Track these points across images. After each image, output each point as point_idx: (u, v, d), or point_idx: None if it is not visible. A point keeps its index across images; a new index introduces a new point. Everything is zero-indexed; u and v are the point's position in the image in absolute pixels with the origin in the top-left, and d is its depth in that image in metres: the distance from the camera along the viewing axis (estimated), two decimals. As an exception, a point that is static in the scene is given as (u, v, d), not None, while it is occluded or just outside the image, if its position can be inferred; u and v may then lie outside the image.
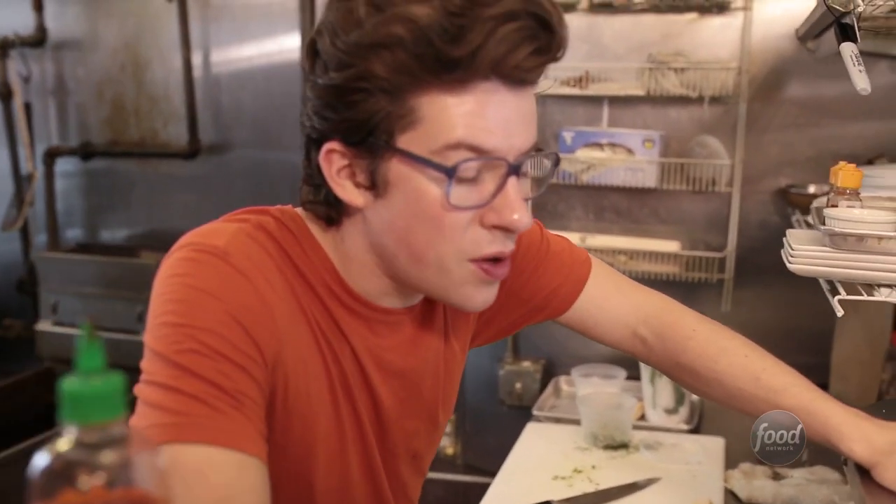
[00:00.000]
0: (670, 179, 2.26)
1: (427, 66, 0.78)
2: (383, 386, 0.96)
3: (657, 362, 1.18)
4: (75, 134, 2.99)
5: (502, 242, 0.87)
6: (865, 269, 1.19)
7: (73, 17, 2.91)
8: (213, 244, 0.84)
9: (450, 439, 2.58)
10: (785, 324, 2.28)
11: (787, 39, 2.16)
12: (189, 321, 0.79)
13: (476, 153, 0.81)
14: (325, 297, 0.91)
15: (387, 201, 0.85)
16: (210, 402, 0.77)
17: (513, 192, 0.84)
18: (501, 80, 0.81)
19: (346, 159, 0.85)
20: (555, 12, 0.81)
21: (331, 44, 0.81)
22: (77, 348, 0.52)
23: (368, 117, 0.81)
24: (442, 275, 0.87)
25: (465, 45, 0.77)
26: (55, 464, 0.50)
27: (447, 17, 0.77)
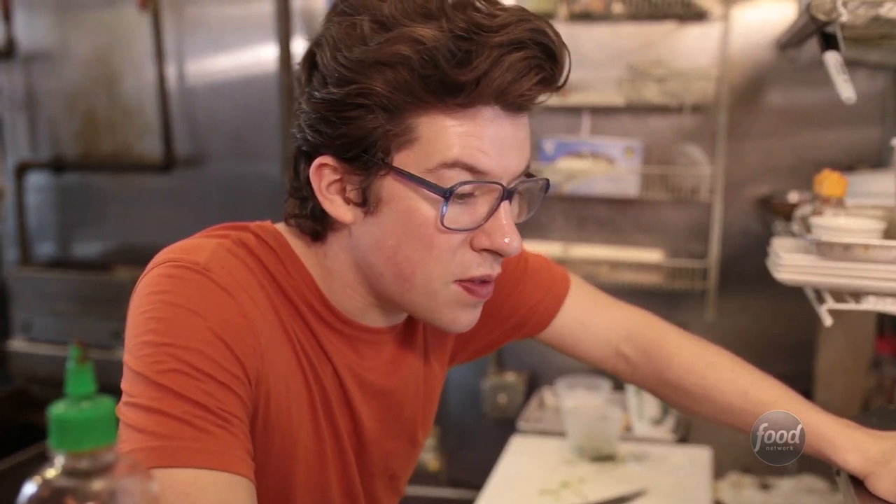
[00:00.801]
0: (652, 189, 2.26)
1: (430, 88, 0.79)
2: (364, 405, 0.95)
3: (641, 380, 1.16)
4: (46, 147, 2.94)
5: (490, 265, 0.87)
6: (852, 277, 1.18)
7: (43, 28, 2.86)
8: (193, 260, 0.82)
9: (433, 454, 2.55)
10: (769, 332, 2.28)
11: (766, 48, 2.17)
12: (171, 340, 0.77)
13: (471, 174, 0.81)
14: (307, 314, 0.89)
15: (377, 219, 0.84)
16: (196, 424, 0.75)
17: (505, 217, 0.84)
18: (502, 106, 0.81)
19: (337, 174, 0.85)
20: (559, 41, 0.81)
21: (332, 58, 0.81)
22: (67, 373, 0.50)
23: (365, 134, 0.81)
24: (427, 295, 0.87)
25: (472, 71, 0.78)
26: (43, 492, 0.48)
27: (454, 41, 0.77)
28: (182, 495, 0.72)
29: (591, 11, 2.24)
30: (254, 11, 2.58)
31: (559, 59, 0.81)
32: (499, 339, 1.15)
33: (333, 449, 0.93)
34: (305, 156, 0.86)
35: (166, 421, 0.73)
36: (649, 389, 1.17)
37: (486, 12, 0.79)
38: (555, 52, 0.80)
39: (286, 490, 0.90)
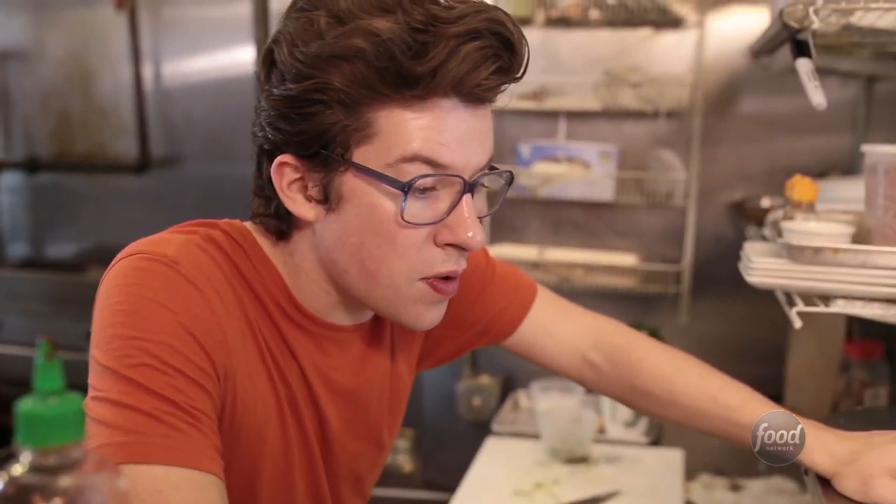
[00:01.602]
0: (627, 193, 2.28)
1: (387, 81, 0.78)
2: (330, 405, 0.95)
3: (608, 386, 1.16)
4: (20, 147, 2.91)
5: (455, 261, 0.87)
6: (822, 280, 1.20)
7: (18, 26, 2.84)
8: (162, 252, 0.82)
9: (408, 456, 2.55)
10: (741, 336, 2.30)
11: (740, 55, 2.20)
12: (141, 333, 0.76)
13: (432, 167, 0.81)
14: (274, 312, 0.89)
15: (339, 216, 0.84)
16: (165, 420, 0.74)
17: (467, 210, 0.84)
18: (460, 98, 0.81)
19: (298, 172, 0.84)
20: (517, 32, 0.81)
21: (289, 54, 0.81)
22: (34, 369, 0.50)
23: (324, 130, 0.81)
24: (392, 292, 0.86)
25: (428, 62, 0.77)
26: (9, 489, 0.48)
27: (410, 33, 0.77)
28: (154, 493, 0.71)
29: (568, 17, 2.25)
30: (231, 13, 2.57)
31: (516, 48, 0.81)
32: (465, 345, 1.15)
33: (300, 448, 0.93)
34: (267, 154, 0.86)
35: (136, 416, 0.73)
36: (616, 396, 1.17)
37: (443, 4, 0.79)
38: (512, 41, 0.80)
39: (252, 488, 0.90)
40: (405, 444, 2.56)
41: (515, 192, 2.34)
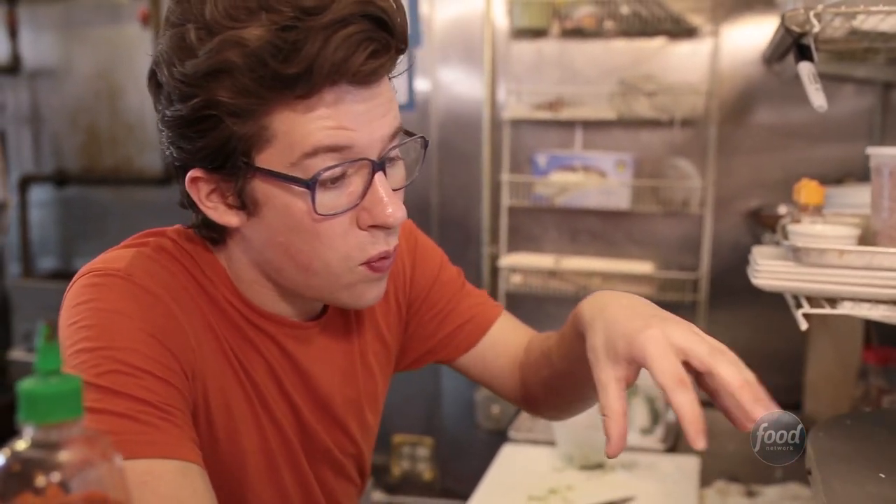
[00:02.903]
0: (643, 201, 2.29)
1: (268, 86, 0.77)
2: (299, 398, 0.96)
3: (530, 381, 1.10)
4: (50, 161, 2.98)
5: (384, 241, 0.86)
6: (828, 282, 1.20)
7: (47, 45, 2.92)
8: (115, 267, 0.84)
9: (427, 464, 2.57)
10: (759, 345, 2.29)
11: (755, 64, 2.20)
12: (105, 343, 0.78)
13: (336, 153, 0.80)
14: (231, 313, 0.91)
15: (260, 219, 0.84)
16: (140, 418, 0.76)
17: (382, 189, 0.83)
18: (348, 82, 0.79)
19: (211, 184, 0.84)
20: (390, 6, 0.79)
21: (170, 75, 0.80)
22: (36, 350, 0.53)
23: (223, 143, 0.80)
24: (331, 279, 0.87)
25: (301, 61, 0.75)
26: (12, 463, 0.51)
27: (278, 35, 0.75)
28: (140, 484, 0.73)
29: (583, 28, 2.28)
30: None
31: (391, 25, 0.79)
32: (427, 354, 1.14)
33: (277, 441, 0.94)
34: (180, 170, 0.86)
35: (111, 419, 0.75)
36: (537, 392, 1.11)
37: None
38: (385, 20, 0.78)
39: (240, 481, 0.92)
40: (425, 452, 2.57)
41: (532, 201, 2.36)
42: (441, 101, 2.45)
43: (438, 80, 2.44)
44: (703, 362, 0.76)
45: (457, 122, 2.45)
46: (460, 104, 2.44)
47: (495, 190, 2.41)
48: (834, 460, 1.09)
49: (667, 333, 0.77)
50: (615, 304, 0.84)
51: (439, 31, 2.42)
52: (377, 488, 2.58)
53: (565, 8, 2.28)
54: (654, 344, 0.77)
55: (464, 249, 2.49)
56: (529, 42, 2.35)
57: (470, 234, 2.48)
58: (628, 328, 0.79)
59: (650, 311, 0.82)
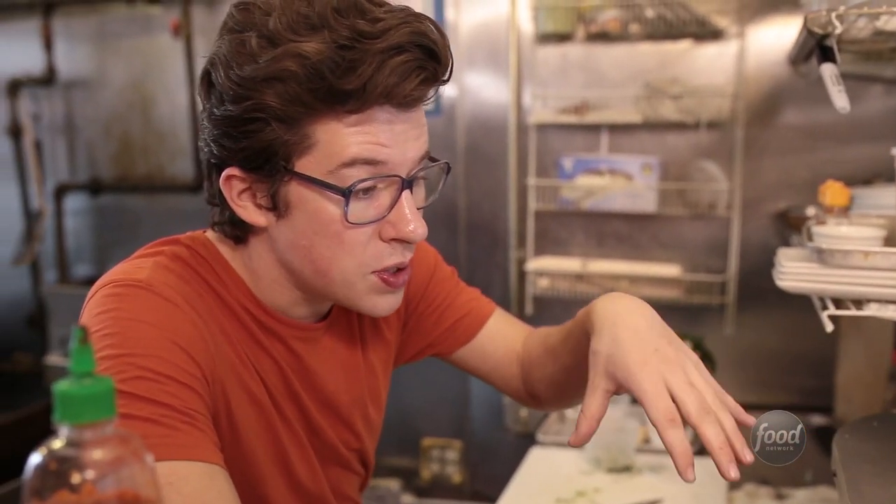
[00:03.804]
0: (669, 204, 2.28)
1: (320, 98, 0.82)
2: (307, 396, 1.00)
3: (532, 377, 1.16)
4: (84, 170, 3.04)
5: (401, 253, 0.92)
6: (853, 284, 1.20)
7: (81, 56, 2.97)
8: (135, 278, 0.87)
9: (456, 467, 2.58)
10: (789, 347, 2.29)
11: (781, 65, 2.19)
12: (128, 350, 0.81)
13: (371, 167, 0.85)
14: (244, 316, 0.94)
15: (289, 221, 0.89)
16: (164, 422, 0.79)
17: (407, 206, 0.89)
18: (392, 105, 0.85)
19: (245, 183, 0.89)
20: (440, 40, 0.85)
21: (226, 77, 0.84)
22: (70, 353, 0.55)
23: (265, 145, 0.85)
24: (346, 287, 0.91)
25: (356, 79, 0.81)
26: (49, 461, 0.53)
27: (337, 52, 0.80)
28: (165, 486, 0.75)
29: (608, 32, 2.28)
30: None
31: (441, 57, 0.85)
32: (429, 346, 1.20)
33: (290, 439, 0.98)
34: (215, 167, 0.90)
35: (135, 423, 0.77)
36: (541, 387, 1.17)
37: (369, 17, 0.82)
38: (436, 51, 0.84)
39: (259, 480, 0.95)
40: (454, 455, 2.59)
41: (559, 205, 2.37)
42: (467, 106, 2.47)
43: (465, 86, 2.46)
44: (690, 420, 0.82)
45: (483, 126, 2.46)
46: (486, 109, 2.45)
47: (522, 194, 2.42)
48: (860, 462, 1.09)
49: (665, 377, 0.83)
50: (625, 324, 0.89)
51: (465, 37, 2.44)
52: (406, 491, 2.60)
53: (590, 12, 2.28)
54: (651, 383, 0.83)
55: (491, 253, 2.50)
56: (554, 46, 2.35)
57: (497, 238, 2.49)
58: (630, 360, 0.85)
59: (655, 343, 0.87)
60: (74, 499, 0.53)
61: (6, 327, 3.20)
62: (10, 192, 3.08)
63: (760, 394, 2.28)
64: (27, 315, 3.14)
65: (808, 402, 2.21)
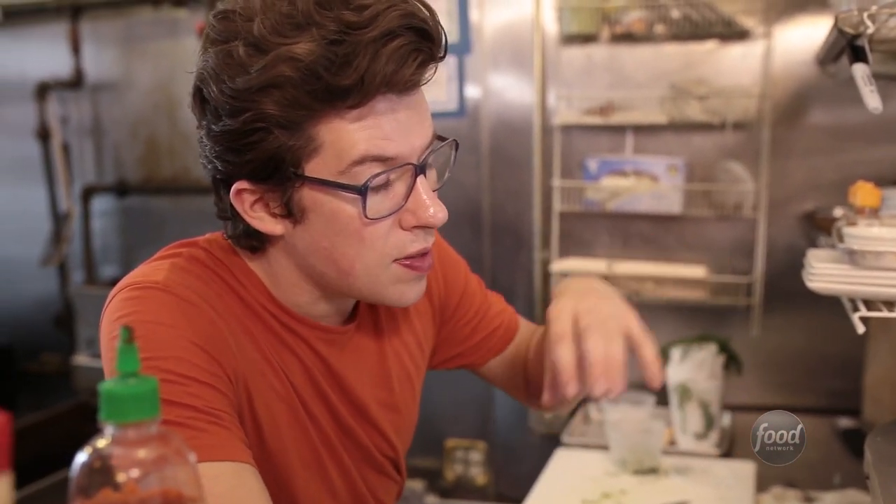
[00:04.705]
0: (695, 205, 2.28)
1: (319, 98, 0.81)
2: (336, 399, 0.99)
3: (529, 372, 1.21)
4: (111, 172, 3.07)
5: (423, 239, 0.91)
6: (885, 285, 1.19)
7: (109, 59, 3.00)
8: (153, 280, 0.86)
9: (481, 469, 2.58)
10: (816, 349, 2.27)
11: (809, 65, 2.18)
12: (149, 354, 0.80)
13: (381, 162, 0.84)
14: (266, 317, 0.93)
15: (306, 226, 0.88)
16: (189, 424, 0.79)
17: (424, 191, 0.88)
18: (392, 92, 0.83)
19: (256, 195, 0.87)
20: (430, 18, 0.83)
21: (219, 91, 0.82)
22: (116, 352, 0.56)
23: (271, 154, 0.83)
24: (371, 281, 0.90)
25: (353, 73, 0.79)
26: (93, 460, 0.54)
27: (328, 48, 0.78)
28: None
29: (633, 32, 2.27)
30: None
31: (434, 36, 0.83)
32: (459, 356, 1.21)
33: (320, 439, 0.97)
34: (222, 183, 0.89)
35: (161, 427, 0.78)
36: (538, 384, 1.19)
37: (354, 6, 0.80)
38: (428, 31, 0.82)
39: (288, 479, 0.94)
40: (478, 457, 2.59)
41: (584, 206, 2.36)
42: (492, 107, 2.47)
43: (489, 87, 2.46)
44: (579, 329, 0.90)
45: (508, 128, 2.46)
46: (511, 110, 2.45)
47: (546, 195, 2.41)
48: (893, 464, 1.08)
49: (574, 303, 0.93)
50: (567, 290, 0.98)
51: (489, 38, 2.44)
52: (430, 492, 2.60)
53: (615, 13, 2.28)
54: (557, 309, 0.93)
55: (515, 255, 2.50)
56: (579, 47, 2.35)
57: (521, 239, 2.49)
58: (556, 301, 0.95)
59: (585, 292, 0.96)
60: (118, 497, 0.54)
61: (34, 328, 3.23)
62: (39, 194, 3.11)
63: (787, 396, 2.27)
64: (55, 316, 3.17)
65: (836, 404, 2.19)
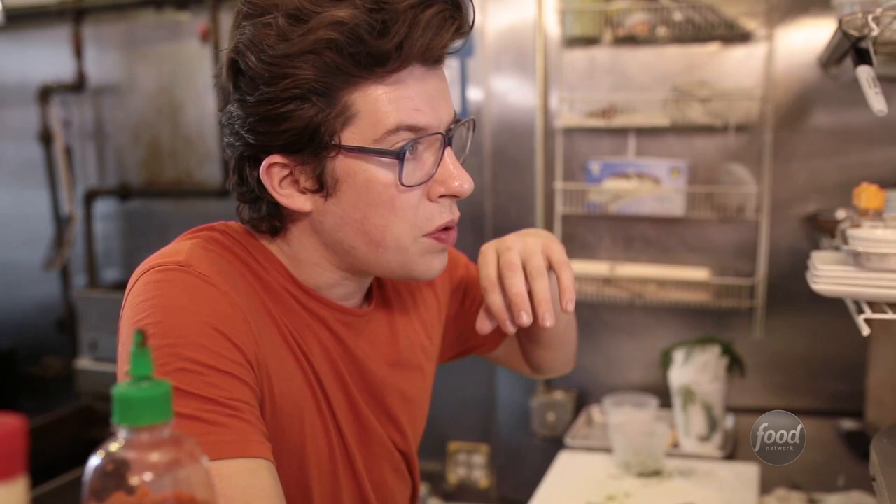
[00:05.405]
0: (698, 208, 2.28)
1: (360, 63, 0.83)
2: (353, 383, 0.99)
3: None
4: (113, 175, 3.08)
5: (450, 210, 0.93)
6: (889, 287, 1.19)
7: (111, 62, 3.01)
8: (174, 260, 0.87)
9: (483, 471, 2.58)
10: (818, 351, 2.27)
11: (811, 67, 2.18)
12: (170, 341, 0.81)
13: (413, 132, 0.87)
14: (285, 297, 0.93)
15: (337, 198, 0.89)
16: (207, 418, 0.79)
17: (451, 162, 0.91)
18: (423, 63, 0.87)
19: (287, 169, 0.89)
20: None
21: (258, 60, 0.84)
22: (130, 356, 0.56)
23: (307, 123, 0.85)
24: (400, 253, 0.91)
25: (393, 38, 0.82)
26: (106, 463, 0.54)
27: (369, 14, 0.81)
28: None
29: (635, 35, 2.28)
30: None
31: (463, 5, 0.87)
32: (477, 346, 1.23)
33: (334, 427, 0.96)
34: (250, 160, 0.90)
35: (179, 421, 0.76)
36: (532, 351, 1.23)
37: None
38: (459, 1, 0.86)
39: (302, 470, 0.93)
40: (481, 459, 2.59)
41: (586, 209, 2.36)
42: (494, 109, 2.47)
43: (491, 89, 2.46)
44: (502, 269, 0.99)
45: (510, 130, 2.46)
46: (513, 113, 2.46)
47: (549, 198, 2.42)
48: (899, 467, 1.08)
49: (496, 244, 1.02)
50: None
51: (492, 41, 2.44)
52: (433, 496, 2.60)
53: (617, 15, 2.28)
54: (483, 255, 1.02)
55: (518, 257, 2.49)
56: (582, 50, 2.35)
57: (524, 242, 2.49)
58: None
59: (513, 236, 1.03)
60: (131, 500, 0.54)
61: (36, 331, 3.24)
62: (41, 197, 3.12)
63: (790, 398, 2.27)
64: (57, 319, 3.18)
65: (839, 406, 2.20)
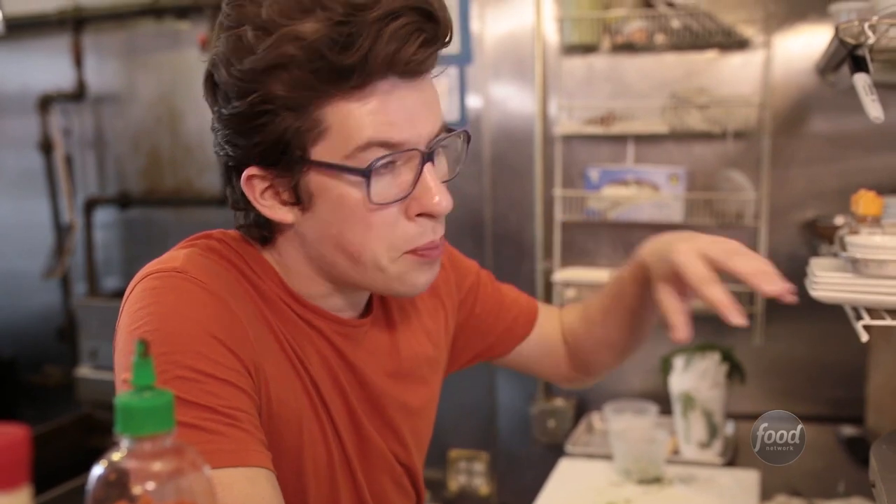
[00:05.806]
0: (696, 214, 2.28)
1: (324, 78, 0.82)
2: (353, 394, 0.98)
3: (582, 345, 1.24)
4: (113, 184, 3.08)
5: (432, 230, 0.91)
6: (888, 293, 1.19)
7: (111, 71, 3.02)
8: (171, 267, 0.87)
9: (484, 479, 2.58)
10: (818, 357, 2.27)
11: (809, 74, 2.19)
12: (168, 348, 0.81)
13: (387, 148, 0.85)
14: (282, 307, 0.93)
15: (314, 213, 0.88)
16: (206, 427, 0.79)
17: (430, 179, 0.88)
18: (397, 75, 0.84)
19: (266, 181, 0.88)
20: (436, 1, 0.84)
21: (227, 74, 0.84)
22: (132, 365, 0.56)
23: (278, 137, 0.85)
24: (379, 271, 0.90)
25: (356, 52, 0.81)
26: (109, 473, 0.54)
27: (333, 28, 0.80)
28: None
29: (633, 43, 2.28)
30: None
31: (437, 17, 0.84)
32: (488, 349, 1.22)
33: (333, 435, 0.96)
34: (234, 170, 0.90)
35: (177, 429, 0.77)
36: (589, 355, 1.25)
37: None
38: (432, 12, 0.83)
39: (300, 477, 0.93)
40: (481, 466, 2.59)
41: (585, 216, 2.37)
42: (493, 117, 2.48)
43: (490, 97, 2.47)
44: (719, 260, 0.94)
45: (509, 137, 2.47)
46: (512, 120, 2.46)
47: (548, 205, 2.42)
48: (898, 473, 1.08)
49: (691, 245, 0.97)
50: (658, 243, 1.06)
51: (490, 48, 2.45)
52: (434, 503, 2.60)
53: (616, 23, 2.29)
54: (683, 254, 0.96)
55: (517, 264, 2.50)
56: (580, 57, 2.36)
57: (523, 249, 2.50)
58: (664, 252, 1.00)
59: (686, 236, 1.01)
60: (134, 510, 0.54)
61: (37, 340, 3.24)
62: (41, 206, 3.12)
63: (790, 404, 2.27)
64: (57, 328, 3.18)
65: (838, 412, 2.20)
